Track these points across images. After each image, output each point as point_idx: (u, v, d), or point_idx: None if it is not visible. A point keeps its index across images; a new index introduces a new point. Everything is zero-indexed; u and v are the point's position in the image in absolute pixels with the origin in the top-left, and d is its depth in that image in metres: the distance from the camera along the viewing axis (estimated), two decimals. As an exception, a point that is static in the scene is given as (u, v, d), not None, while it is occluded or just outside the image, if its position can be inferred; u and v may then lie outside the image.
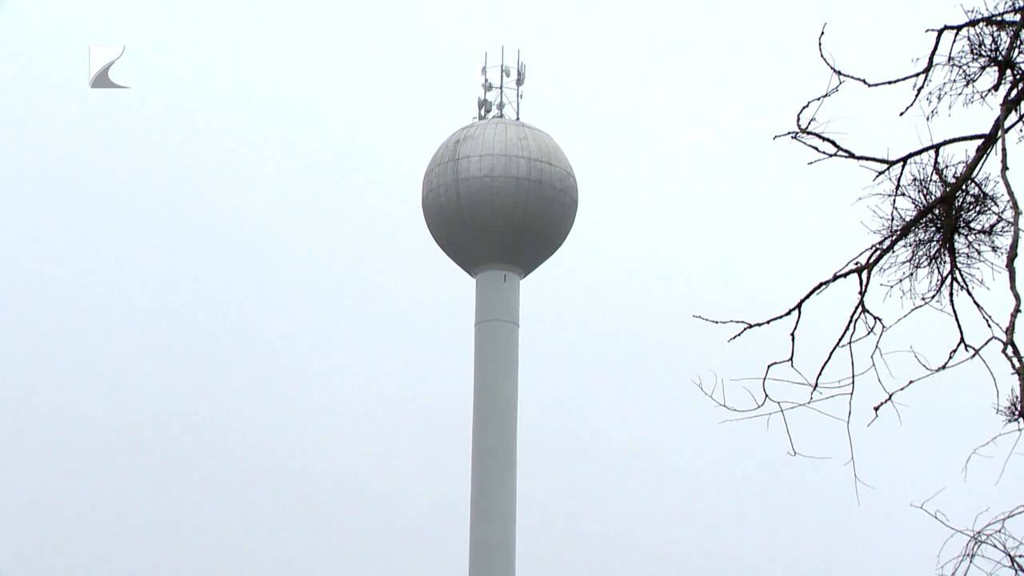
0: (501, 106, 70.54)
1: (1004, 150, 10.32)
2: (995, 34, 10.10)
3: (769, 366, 10.62)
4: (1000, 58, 10.12)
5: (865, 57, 10.62)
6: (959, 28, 10.17)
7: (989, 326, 10.49)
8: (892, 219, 10.62)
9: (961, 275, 10.57)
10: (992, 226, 10.52)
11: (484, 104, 70.60)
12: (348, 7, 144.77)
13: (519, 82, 71.09)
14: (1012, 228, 10.44)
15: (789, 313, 10.79)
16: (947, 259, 10.57)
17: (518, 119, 70.12)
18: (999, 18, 10.07)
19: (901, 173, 10.55)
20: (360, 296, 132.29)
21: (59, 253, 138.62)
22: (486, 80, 70.95)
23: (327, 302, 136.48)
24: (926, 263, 10.63)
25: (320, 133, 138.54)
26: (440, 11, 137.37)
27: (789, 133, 10.62)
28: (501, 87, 70.78)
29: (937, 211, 10.52)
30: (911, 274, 10.66)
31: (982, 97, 10.25)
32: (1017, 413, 10.61)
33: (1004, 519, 10.76)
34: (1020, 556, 10.69)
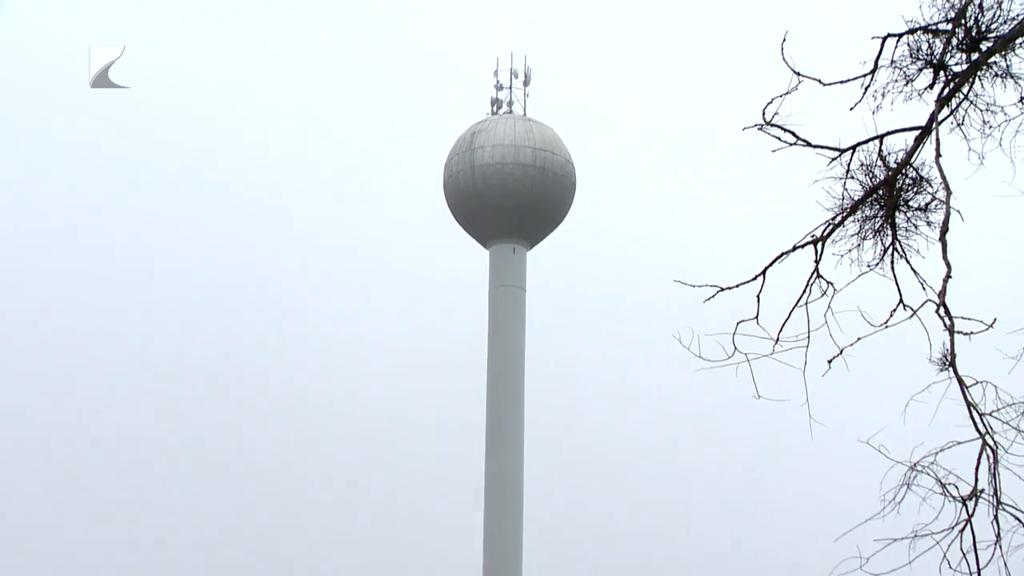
0: (510, 104, 70.52)
1: (938, 140, 10.31)
2: (930, 41, 10.07)
3: (738, 323, 10.64)
4: (935, 61, 10.10)
5: (820, 60, 10.58)
6: (900, 36, 10.14)
7: (924, 290, 10.51)
8: (843, 198, 10.62)
9: (901, 246, 10.57)
10: (927, 204, 10.52)
11: (496, 102, 70.67)
12: (375, 19, 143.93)
13: (526, 83, 71.13)
14: (944, 206, 10.43)
15: (755, 278, 10.80)
16: (889, 233, 10.56)
17: (525, 115, 70.16)
18: (934, 27, 10.05)
19: (851, 159, 10.55)
20: (390, 266, 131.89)
21: (58, 252, 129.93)
22: (497, 81, 70.92)
23: (361, 273, 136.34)
24: (871, 236, 10.63)
25: (346, 130, 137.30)
26: (457, 22, 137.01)
27: (756, 125, 10.61)
28: (510, 87, 70.66)
29: (881, 192, 10.52)
30: (858, 245, 10.66)
31: (919, 95, 10.23)
32: (947, 364, 10.62)
33: (936, 453, 10.76)
34: (950, 484, 10.71)
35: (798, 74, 10.33)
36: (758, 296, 10.75)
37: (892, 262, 10.59)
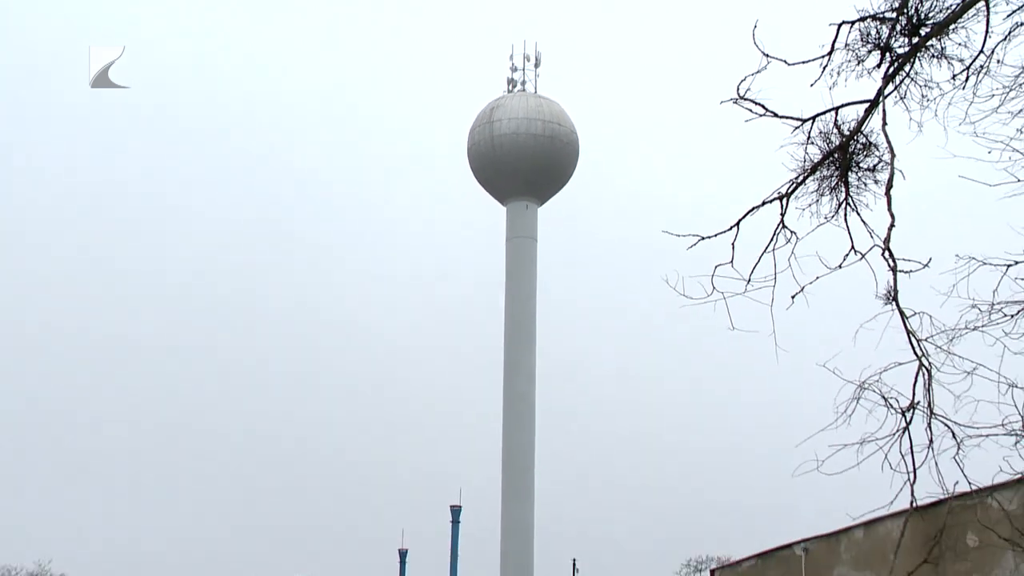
0: (523, 83, 70.81)
1: (884, 111, 10.29)
2: (878, 27, 10.01)
3: (716, 267, 10.63)
4: (882, 44, 10.05)
5: (785, 44, 10.53)
6: (853, 23, 10.07)
7: (872, 237, 10.52)
8: (804, 161, 10.59)
9: (853, 201, 10.56)
10: (875, 166, 10.50)
11: (511, 82, 70.97)
12: (401, 10, 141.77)
13: (536, 65, 71.33)
14: (889, 167, 10.43)
15: (730, 229, 10.77)
16: (843, 189, 10.55)
17: (536, 92, 70.33)
18: (881, 15, 9.99)
19: (811, 128, 10.51)
20: (424, 221, 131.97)
21: (58, 251, 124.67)
22: (512, 64, 71.25)
23: (398, 227, 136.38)
24: (828, 192, 10.61)
25: (379, 109, 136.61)
26: (477, 13, 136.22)
27: (731, 99, 10.54)
28: (524, 70, 71.02)
29: (836, 155, 10.50)
30: (817, 200, 10.64)
31: (868, 73, 10.18)
32: (891, 298, 10.67)
33: (880, 373, 10.82)
34: (891, 398, 10.78)
35: (767, 56, 10.26)
36: (733, 244, 10.72)
37: (845, 214, 10.57)
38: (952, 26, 9.86)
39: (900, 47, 9.99)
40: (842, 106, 10.39)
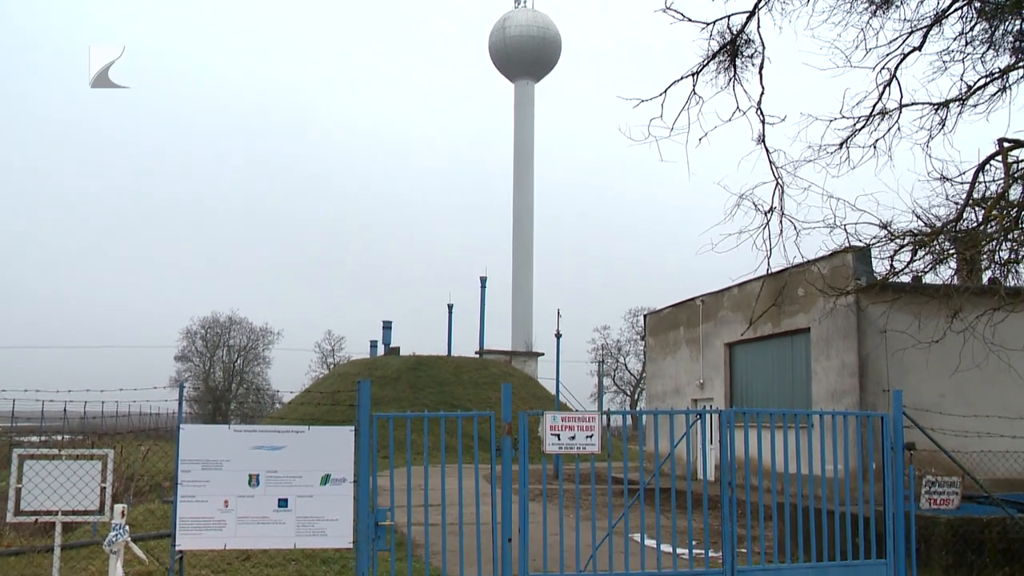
0: (525, 1, 69.51)
1: (758, 18, 10.18)
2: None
3: (651, 120, 10.68)
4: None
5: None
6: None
7: (749, 100, 10.57)
8: (708, 49, 10.53)
9: (738, 76, 10.51)
10: (752, 54, 10.44)
11: (517, 1, 69.78)
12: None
13: (534, -13, 69.19)
14: (761, 55, 10.39)
15: (660, 95, 10.67)
16: (732, 69, 10.53)
17: (533, 8, 69.32)
18: None
19: (712, 28, 10.41)
20: (462, 94, 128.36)
21: (59, 251, 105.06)
22: (518, -13, 69.51)
23: (447, 97, 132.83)
24: (723, 71, 10.55)
25: (418, 26, 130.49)
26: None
27: (662, 8, 10.36)
28: (525, -10, 69.34)
29: (728, 47, 10.43)
30: (716, 76, 10.60)
31: (751, -9, 10.02)
32: (761, 140, 10.81)
33: (753, 188, 11.07)
34: (759, 204, 11.05)
35: (685, -20, 10.06)
36: (662, 105, 10.65)
37: (733, 86, 10.56)
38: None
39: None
40: (732, 15, 10.26)
